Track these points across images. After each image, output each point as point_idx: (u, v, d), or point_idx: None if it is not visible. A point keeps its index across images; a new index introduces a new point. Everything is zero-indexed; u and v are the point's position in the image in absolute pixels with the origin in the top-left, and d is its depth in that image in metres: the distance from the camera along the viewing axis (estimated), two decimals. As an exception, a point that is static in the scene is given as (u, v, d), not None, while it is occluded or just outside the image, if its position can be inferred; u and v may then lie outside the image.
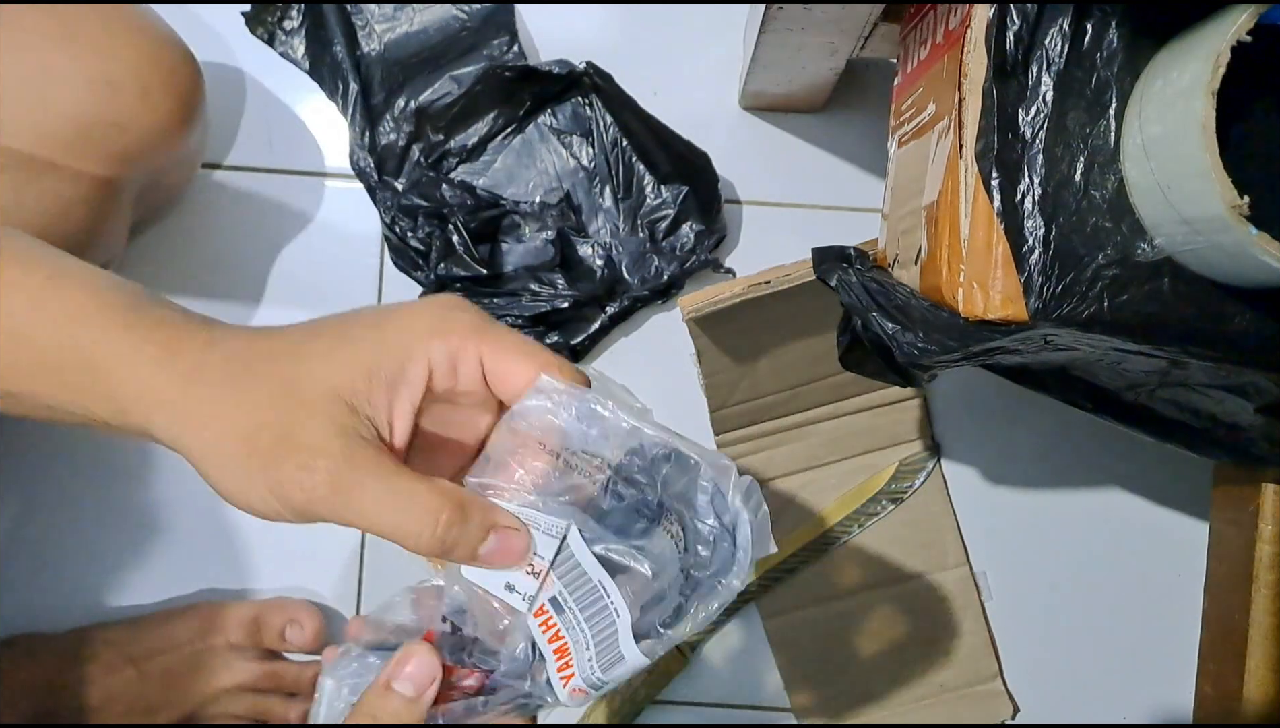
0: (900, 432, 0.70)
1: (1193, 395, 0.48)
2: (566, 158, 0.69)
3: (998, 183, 0.40)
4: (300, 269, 0.70)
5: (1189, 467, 0.67)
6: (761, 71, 0.64)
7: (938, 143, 0.45)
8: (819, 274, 0.51)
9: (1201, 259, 0.38)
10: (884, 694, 0.69)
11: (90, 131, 0.52)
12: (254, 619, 0.65)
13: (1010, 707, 0.69)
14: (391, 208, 0.68)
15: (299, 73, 0.70)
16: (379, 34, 0.69)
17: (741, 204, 0.71)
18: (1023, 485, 0.71)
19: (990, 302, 0.40)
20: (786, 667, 0.69)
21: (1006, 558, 0.70)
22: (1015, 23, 0.40)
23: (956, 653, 0.69)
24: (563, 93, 0.69)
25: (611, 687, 0.35)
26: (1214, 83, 0.34)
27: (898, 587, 0.69)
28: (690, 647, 0.68)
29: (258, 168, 0.70)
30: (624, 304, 0.68)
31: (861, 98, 0.70)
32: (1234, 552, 0.62)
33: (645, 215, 0.68)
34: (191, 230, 0.69)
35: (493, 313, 0.68)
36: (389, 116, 0.69)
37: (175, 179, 0.66)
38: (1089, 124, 0.39)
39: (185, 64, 0.56)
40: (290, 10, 0.69)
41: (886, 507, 0.69)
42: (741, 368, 0.66)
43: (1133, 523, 0.71)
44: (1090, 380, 0.52)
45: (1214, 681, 0.63)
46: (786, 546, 0.69)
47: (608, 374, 0.69)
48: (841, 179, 0.71)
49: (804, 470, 0.69)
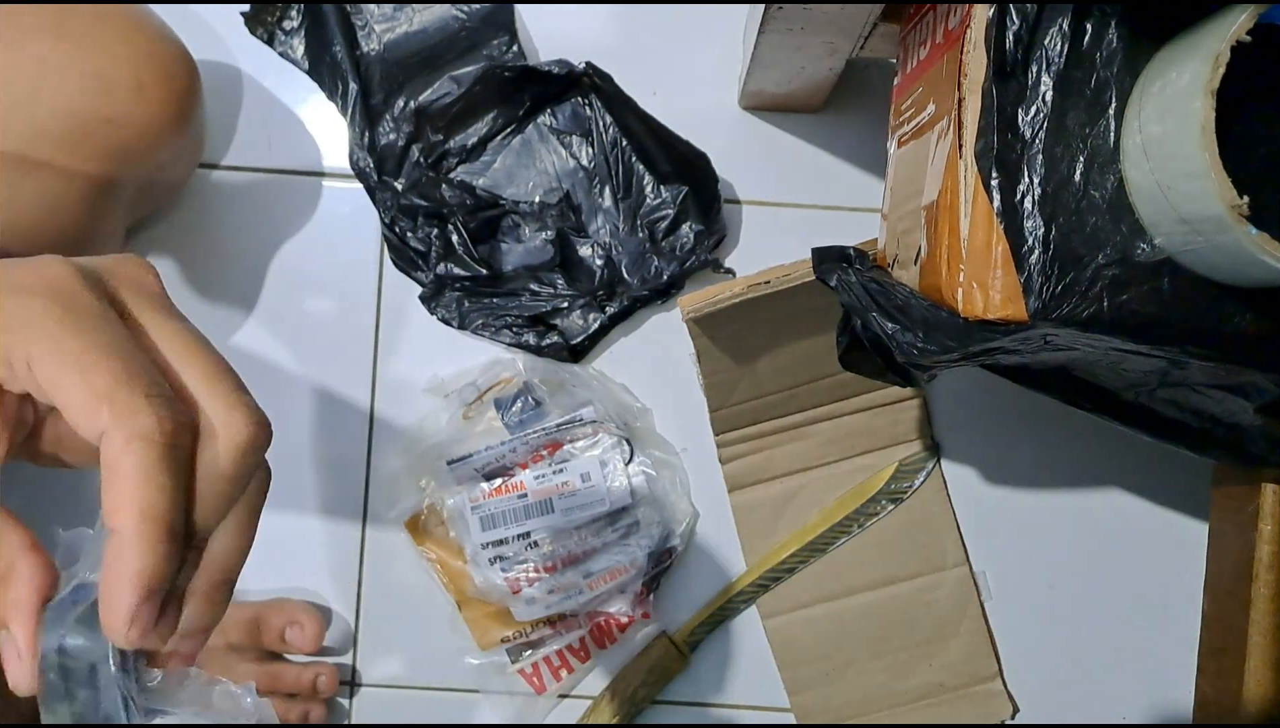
0: (900, 432, 0.70)
1: (1193, 395, 0.48)
2: (566, 158, 0.69)
3: (997, 183, 0.40)
4: (299, 269, 0.70)
5: (1189, 467, 0.67)
6: (761, 71, 0.64)
7: (937, 143, 0.45)
8: (819, 274, 0.51)
9: (1201, 259, 0.38)
10: (884, 694, 0.69)
11: (84, 128, 0.52)
12: (254, 620, 0.65)
13: (1010, 707, 0.69)
14: (391, 208, 0.68)
15: (298, 73, 0.70)
16: (378, 34, 0.69)
17: (741, 204, 0.71)
18: (1023, 485, 0.71)
19: (990, 302, 0.40)
20: (786, 667, 0.69)
21: (1006, 558, 0.70)
22: (1015, 23, 0.40)
23: (956, 653, 0.69)
24: (562, 93, 0.69)
25: None
26: (1214, 83, 0.34)
27: (898, 587, 0.69)
28: (690, 647, 0.68)
29: (256, 168, 0.70)
30: (623, 304, 0.68)
31: (861, 98, 0.70)
32: (1234, 552, 0.62)
33: (645, 215, 0.68)
34: (190, 230, 0.69)
35: (493, 312, 0.68)
36: (388, 116, 0.69)
37: (173, 178, 0.65)
38: (1088, 124, 0.39)
39: (181, 61, 0.56)
40: (290, 10, 0.69)
41: (886, 507, 0.69)
42: (741, 368, 0.66)
43: (1133, 523, 0.71)
44: (1090, 380, 0.52)
45: (1214, 681, 0.63)
46: (786, 545, 0.69)
47: (607, 374, 0.69)
48: (841, 179, 0.71)
49: (804, 470, 0.69)
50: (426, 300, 0.69)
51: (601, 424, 0.67)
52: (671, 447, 0.69)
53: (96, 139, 0.52)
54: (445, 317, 0.69)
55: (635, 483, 0.67)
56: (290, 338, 0.69)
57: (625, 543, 0.67)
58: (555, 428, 0.67)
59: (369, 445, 0.69)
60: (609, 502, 0.66)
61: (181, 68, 0.56)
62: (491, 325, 0.68)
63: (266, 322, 0.70)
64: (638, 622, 0.67)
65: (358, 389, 0.69)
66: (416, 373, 0.69)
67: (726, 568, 0.69)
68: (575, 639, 0.68)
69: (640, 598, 0.67)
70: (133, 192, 0.59)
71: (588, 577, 0.67)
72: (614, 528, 0.67)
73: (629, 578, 0.67)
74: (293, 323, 0.70)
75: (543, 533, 0.66)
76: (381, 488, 0.69)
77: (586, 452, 0.67)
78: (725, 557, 0.70)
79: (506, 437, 0.67)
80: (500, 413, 0.67)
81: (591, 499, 0.66)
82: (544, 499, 0.67)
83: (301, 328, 0.70)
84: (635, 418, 0.69)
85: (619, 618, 0.67)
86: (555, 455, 0.67)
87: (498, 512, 0.67)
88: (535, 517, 0.67)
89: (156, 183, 0.63)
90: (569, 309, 0.68)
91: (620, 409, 0.68)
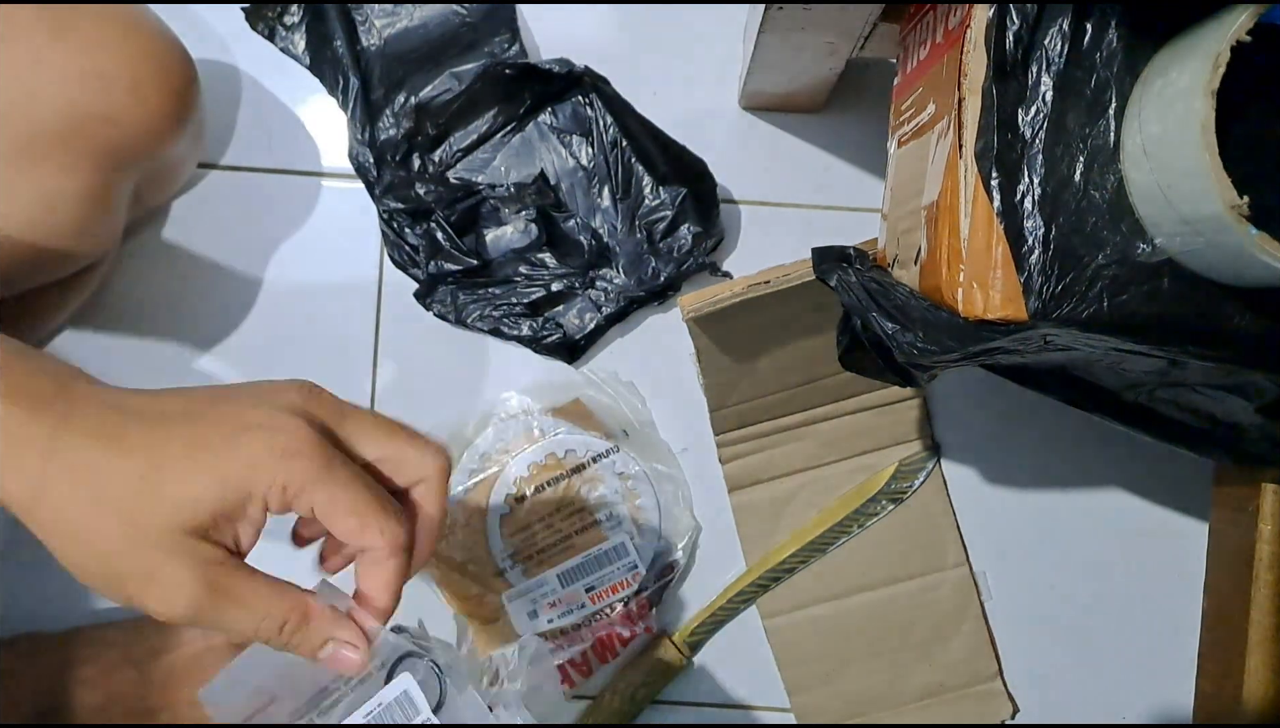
0: (900, 432, 0.70)
1: (1193, 395, 0.48)
2: (566, 157, 0.69)
3: (997, 183, 0.40)
4: (298, 269, 0.70)
5: (1189, 467, 0.67)
6: (761, 71, 0.64)
7: (937, 143, 0.45)
8: (819, 274, 0.51)
9: (1201, 259, 0.38)
10: (884, 694, 0.69)
11: (82, 126, 0.52)
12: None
13: (1010, 707, 0.69)
14: (388, 205, 0.68)
15: (297, 72, 0.70)
16: (379, 29, 0.69)
17: (740, 204, 0.71)
18: (1023, 485, 0.71)
19: (990, 302, 0.40)
20: (786, 667, 0.69)
21: (1006, 558, 0.70)
22: (1015, 23, 0.40)
23: (956, 653, 0.69)
24: (563, 92, 0.69)
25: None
26: (1214, 83, 0.34)
27: (898, 587, 0.69)
28: (690, 647, 0.68)
29: (256, 167, 0.70)
30: (620, 305, 0.68)
31: (861, 98, 0.70)
32: (1234, 552, 0.62)
33: (643, 216, 0.68)
34: (190, 230, 0.69)
35: (489, 302, 0.68)
36: (389, 112, 0.69)
37: (171, 178, 0.65)
38: (1089, 124, 0.39)
39: (179, 60, 0.56)
40: (290, 6, 0.69)
41: (886, 507, 0.69)
42: (741, 368, 0.66)
43: (1133, 523, 0.71)
44: (1090, 380, 0.52)
45: (1214, 681, 0.63)
46: (786, 546, 0.69)
47: (613, 369, 0.69)
48: (841, 179, 0.71)
49: (804, 470, 0.69)
50: (421, 298, 0.69)
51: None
52: (674, 458, 0.69)
53: (94, 138, 0.52)
54: (441, 312, 0.69)
55: (639, 518, 0.68)
56: (290, 338, 0.69)
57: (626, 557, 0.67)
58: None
59: (369, 445, 0.69)
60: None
61: (179, 66, 0.56)
62: (489, 317, 0.68)
63: (266, 321, 0.70)
64: (640, 636, 0.67)
65: (358, 389, 0.69)
66: (417, 373, 0.69)
67: (726, 569, 0.69)
68: (578, 653, 0.67)
69: (643, 612, 0.67)
70: (131, 190, 0.58)
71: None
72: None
73: (631, 592, 0.67)
74: (292, 323, 0.70)
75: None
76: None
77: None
78: (725, 558, 0.70)
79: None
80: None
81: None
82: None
83: (301, 328, 0.69)
84: (636, 426, 0.68)
85: (621, 633, 0.67)
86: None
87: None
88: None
89: (155, 182, 0.63)
90: (565, 292, 0.68)
91: (621, 418, 0.68)
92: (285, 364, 0.69)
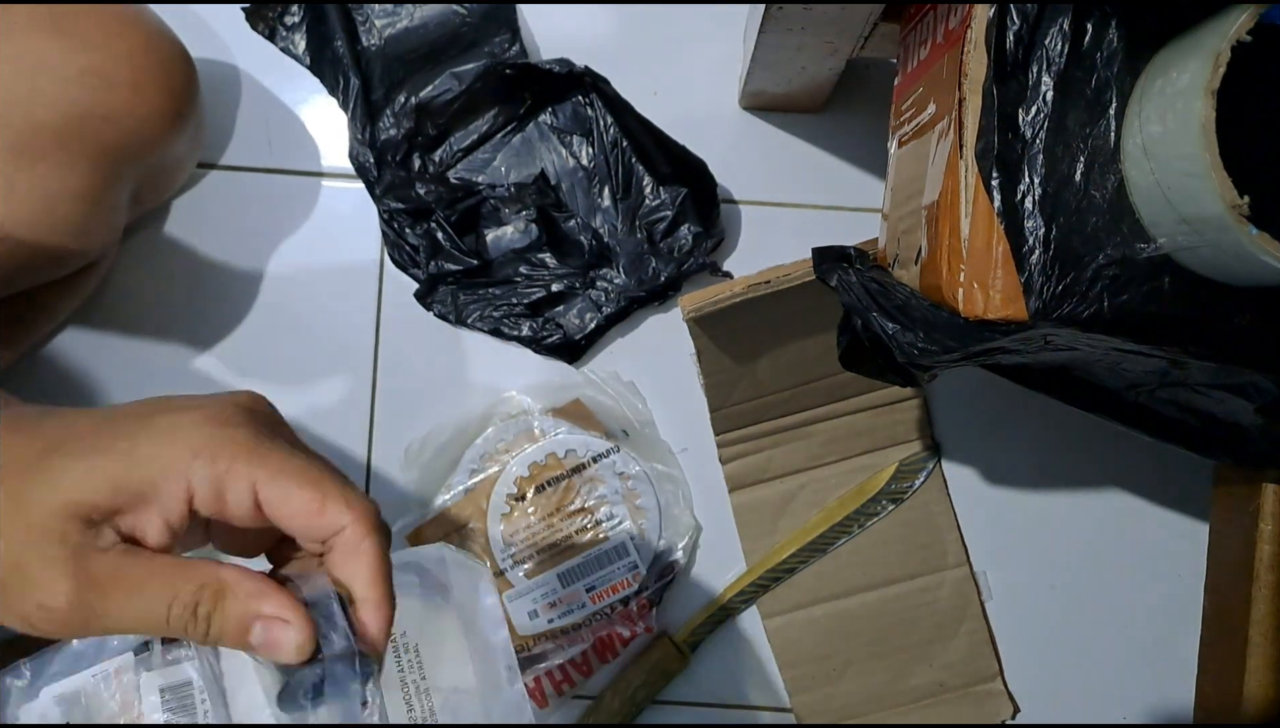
0: (900, 432, 0.70)
1: (1193, 395, 0.48)
2: (566, 157, 0.69)
3: (998, 183, 0.40)
4: (298, 269, 0.70)
5: (1189, 467, 0.67)
6: (761, 71, 0.64)
7: (938, 143, 0.45)
8: (819, 274, 0.51)
9: (1201, 259, 0.38)
10: (884, 694, 0.69)
11: (81, 124, 0.52)
12: None
13: (1010, 707, 0.69)
14: (389, 205, 0.68)
15: (297, 72, 0.70)
16: (379, 29, 0.69)
17: (740, 204, 0.71)
18: (1023, 485, 0.71)
19: (990, 302, 0.40)
20: (786, 667, 0.69)
21: (1006, 558, 0.70)
22: (1015, 23, 0.40)
23: (956, 653, 0.69)
24: (563, 92, 0.69)
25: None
26: (1214, 82, 0.34)
27: (898, 587, 0.69)
28: (690, 647, 0.68)
29: (256, 167, 0.70)
30: (620, 305, 0.68)
31: (861, 98, 0.70)
32: (1234, 552, 0.62)
33: (644, 216, 0.68)
34: (190, 230, 0.69)
35: (489, 302, 0.68)
36: (389, 112, 0.69)
37: (171, 177, 0.65)
38: (1089, 124, 0.39)
39: (178, 59, 0.56)
40: (290, 6, 0.69)
41: (886, 507, 0.69)
42: (741, 368, 0.66)
43: (1133, 523, 0.71)
44: (1090, 380, 0.52)
45: (1214, 681, 0.63)
46: (787, 545, 0.69)
47: (613, 369, 0.69)
48: (841, 179, 0.71)
49: (804, 470, 0.69)
50: (421, 298, 0.69)
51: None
52: (674, 458, 0.69)
53: (94, 136, 0.52)
54: (442, 312, 0.69)
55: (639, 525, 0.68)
56: (290, 338, 0.69)
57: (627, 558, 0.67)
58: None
59: (369, 446, 0.69)
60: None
61: (179, 65, 0.56)
62: (489, 317, 0.68)
63: (266, 322, 0.69)
64: (640, 636, 0.67)
65: (358, 390, 0.69)
66: (417, 373, 0.69)
67: (726, 569, 0.69)
68: (578, 654, 0.67)
69: (643, 612, 0.67)
70: (131, 190, 0.59)
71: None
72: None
73: (631, 592, 0.67)
74: (293, 323, 0.70)
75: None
76: (386, 503, 0.69)
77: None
78: (725, 558, 0.69)
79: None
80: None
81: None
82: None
83: (301, 328, 0.69)
84: (636, 426, 0.68)
85: (622, 633, 0.67)
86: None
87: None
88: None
89: (155, 181, 0.63)
90: (567, 293, 0.68)
91: (621, 418, 0.68)
92: (285, 364, 0.69)
